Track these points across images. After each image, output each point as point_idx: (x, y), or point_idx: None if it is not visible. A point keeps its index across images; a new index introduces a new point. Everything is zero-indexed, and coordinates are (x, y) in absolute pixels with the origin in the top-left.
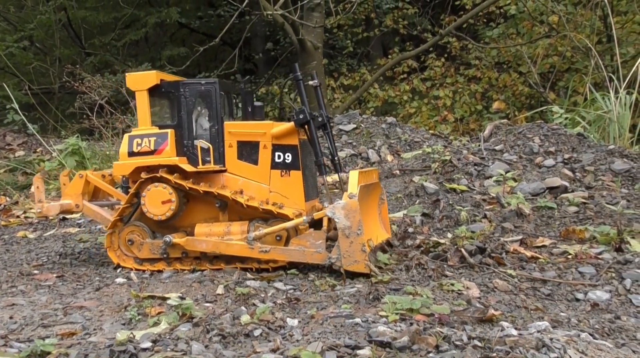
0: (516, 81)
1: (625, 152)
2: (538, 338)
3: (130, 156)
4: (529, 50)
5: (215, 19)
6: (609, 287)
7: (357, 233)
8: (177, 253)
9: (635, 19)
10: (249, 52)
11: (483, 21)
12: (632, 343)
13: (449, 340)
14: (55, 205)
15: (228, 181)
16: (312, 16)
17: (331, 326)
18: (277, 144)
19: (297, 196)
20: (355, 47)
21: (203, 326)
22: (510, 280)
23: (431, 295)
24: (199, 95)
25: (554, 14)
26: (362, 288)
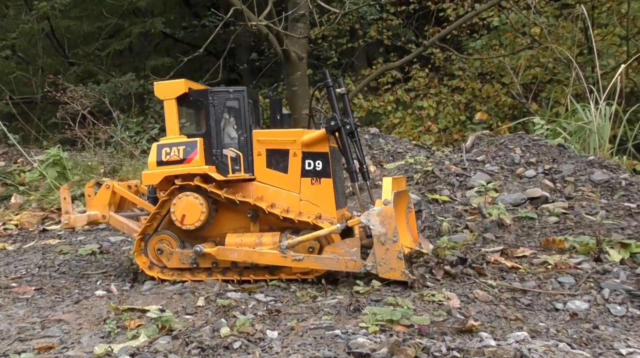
0: (499, 92)
1: (604, 163)
2: (516, 348)
3: (159, 165)
4: (511, 61)
5: (199, 29)
6: (588, 297)
7: (393, 240)
8: (207, 263)
9: (615, 31)
10: (234, 63)
11: (466, 32)
12: (609, 353)
13: (428, 351)
14: (83, 216)
15: (257, 190)
16: (296, 27)
17: (311, 338)
18: (307, 152)
19: (328, 204)
20: (339, 58)
21: (182, 339)
22: (491, 290)
23: (412, 305)
24: (227, 103)
25: (536, 25)
26: (343, 300)
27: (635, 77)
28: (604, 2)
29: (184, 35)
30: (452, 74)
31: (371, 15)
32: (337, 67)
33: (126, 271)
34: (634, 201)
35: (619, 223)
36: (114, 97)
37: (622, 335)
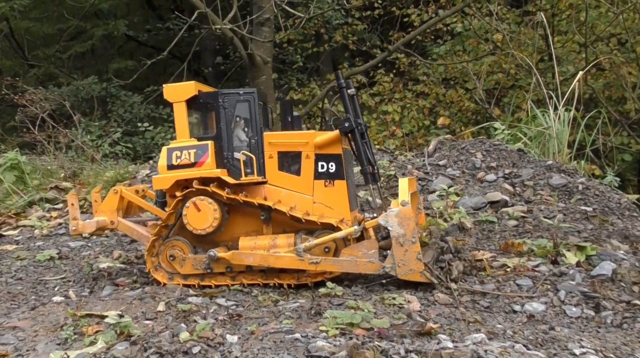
0: (462, 97)
1: (562, 167)
2: (473, 350)
3: (170, 169)
4: (474, 67)
5: (164, 32)
6: (545, 299)
7: (412, 240)
8: (222, 268)
9: (575, 38)
10: (199, 66)
11: (431, 38)
12: (564, 353)
13: (387, 353)
14: (92, 223)
15: (269, 193)
16: (261, 31)
17: (271, 342)
18: (320, 154)
19: (342, 206)
20: (305, 62)
21: (141, 344)
22: (451, 293)
23: (372, 309)
24: (237, 105)
25: (498, 32)
26: (304, 303)
27: (593, 84)
28: (563, 10)
29: (147, 38)
30: (417, 79)
31: (336, 20)
32: (302, 71)
33: (86, 277)
34: (590, 204)
35: (576, 226)
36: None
37: (576, 336)
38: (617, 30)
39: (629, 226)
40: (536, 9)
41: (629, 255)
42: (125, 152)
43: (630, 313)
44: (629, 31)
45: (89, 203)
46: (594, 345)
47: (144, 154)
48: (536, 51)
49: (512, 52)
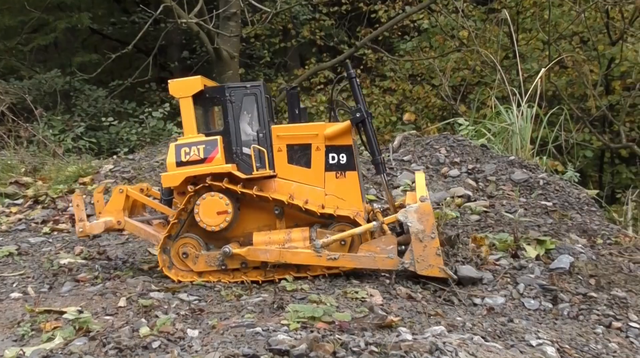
0: (429, 93)
1: (524, 163)
2: (432, 342)
3: (179, 166)
4: (441, 63)
5: (129, 25)
6: (505, 292)
7: (431, 236)
8: (236, 264)
9: (539, 36)
10: (165, 61)
11: (398, 34)
12: (521, 345)
13: (347, 346)
14: (99, 223)
15: (280, 187)
16: (228, 25)
17: (231, 336)
18: (330, 145)
19: (354, 198)
20: (272, 57)
21: (99, 340)
22: (413, 286)
23: (335, 303)
24: (244, 99)
25: (464, 29)
26: (267, 298)
27: (556, 81)
28: (528, 8)
29: (112, 31)
30: (384, 75)
31: (304, 15)
32: (270, 66)
33: (45, 273)
34: (551, 199)
35: (536, 221)
36: (38, 94)
37: (533, 328)
38: (580, 29)
39: (587, 221)
40: (501, 6)
41: (586, 248)
42: (88, 147)
43: (586, 305)
44: (591, 30)
45: (51, 198)
46: (550, 336)
47: (109, 149)
48: (501, 48)
49: (478, 49)
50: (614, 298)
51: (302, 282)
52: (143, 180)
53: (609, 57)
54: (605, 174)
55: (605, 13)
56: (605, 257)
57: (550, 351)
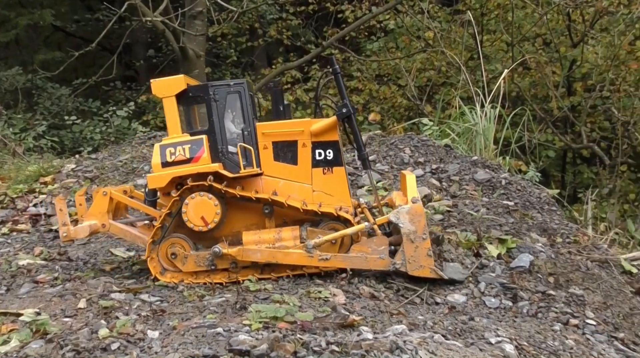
0: (395, 94)
1: (487, 163)
2: (392, 341)
3: (165, 167)
4: (407, 64)
5: (93, 23)
6: (466, 290)
7: (423, 237)
8: (226, 264)
9: (503, 37)
10: (130, 59)
11: (364, 34)
12: (480, 342)
13: (308, 346)
14: (84, 227)
15: (267, 184)
16: (194, 24)
17: (192, 336)
18: (316, 142)
19: (341, 193)
20: (239, 57)
21: (56, 342)
22: (376, 286)
23: (298, 302)
24: (228, 97)
25: (430, 30)
26: (230, 298)
27: (520, 82)
28: (492, 10)
29: (76, 29)
30: (351, 75)
31: (271, 15)
32: (236, 65)
33: (3, 275)
34: (512, 199)
35: (498, 220)
36: None
37: (493, 326)
38: (542, 31)
39: (547, 220)
40: (466, 7)
41: (546, 247)
42: (51, 146)
43: (544, 303)
44: (553, 32)
45: (10, 198)
46: (509, 333)
47: (72, 149)
48: (466, 49)
49: (443, 49)
50: (571, 296)
51: (266, 282)
52: (106, 180)
53: (570, 59)
54: (567, 174)
55: (567, 16)
56: (564, 256)
57: (509, 348)
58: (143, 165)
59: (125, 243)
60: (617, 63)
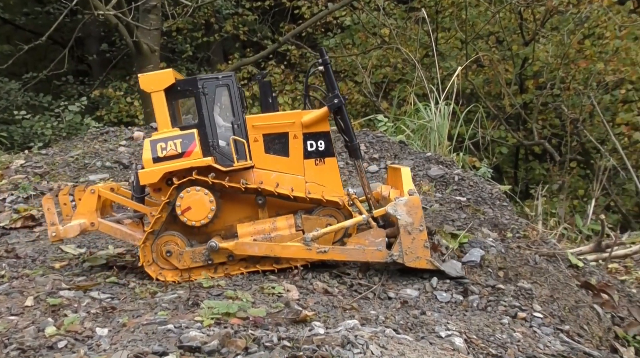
0: (352, 90)
1: (441, 159)
2: (344, 335)
3: (156, 162)
4: (363, 60)
5: (43, 16)
6: (418, 285)
7: (420, 229)
8: (222, 258)
9: (458, 35)
10: (82, 53)
11: (321, 31)
12: (431, 336)
13: (259, 341)
14: (74, 226)
15: (259, 177)
16: (148, 18)
17: (142, 333)
18: (308, 133)
19: (334, 184)
20: (195, 52)
21: (1, 340)
22: (330, 281)
23: (251, 298)
24: (217, 90)
25: (385, 27)
26: (183, 295)
27: (474, 80)
28: (446, 7)
29: (25, 22)
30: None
31: (226, 10)
32: (192, 61)
33: None
34: (465, 194)
35: (450, 215)
36: None
37: (444, 320)
38: (495, 29)
39: (498, 215)
40: (421, 5)
41: (497, 242)
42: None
43: (494, 297)
44: (506, 30)
45: None
46: (459, 327)
47: (22, 144)
48: (421, 46)
49: (398, 46)
50: (520, 290)
51: (219, 278)
52: (57, 176)
53: (522, 56)
54: (520, 170)
55: (519, 14)
56: (514, 250)
57: (458, 342)
58: (95, 161)
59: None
60: (566, 61)
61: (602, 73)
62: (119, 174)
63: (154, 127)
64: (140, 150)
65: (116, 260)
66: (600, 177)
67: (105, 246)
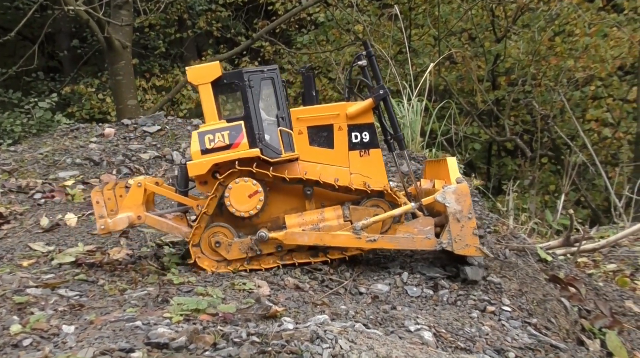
0: (326, 86)
1: (413, 155)
2: (313, 330)
3: (204, 154)
4: (337, 57)
5: (12, 11)
6: (389, 280)
7: (468, 216)
8: (271, 249)
9: (430, 32)
10: (53, 49)
11: (295, 27)
12: (400, 330)
13: (228, 337)
14: (123, 218)
15: (304, 169)
16: (119, 14)
17: (110, 330)
18: (352, 125)
19: (379, 175)
20: (168, 48)
21: None
22: (301, 277)
23: (222, 294)
24: (263, 83)
25: (359, 23)
26: (152, 291)
27: (447, 76)
28: (419, 4)
29: None
30: (282, 68)
31: (200, 6)
32: (165, 57)
33: None
34: None
35: None
36: None
37: (413, 314)
38: (468, 26)
39: None
40: (394, 2)
41: None
42: None
43: (464, 291)
44: (478, 27)
45: None
46: (428, 321)
47: None
48: (395, 43)
49: (372, 43)
50: (489, 284)
51: (189, 275)
52: (25, 173)
53: (494, 53)
54: (492, 166)
55: (491, 11)
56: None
57: (427, 336)
58: (65, 158)
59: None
60: (537, 58)
61: (572, 70)
62: (90, 171)
63: (125, 124)
64: (112, 147)
65: (86, 257)
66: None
67: (74, 244)
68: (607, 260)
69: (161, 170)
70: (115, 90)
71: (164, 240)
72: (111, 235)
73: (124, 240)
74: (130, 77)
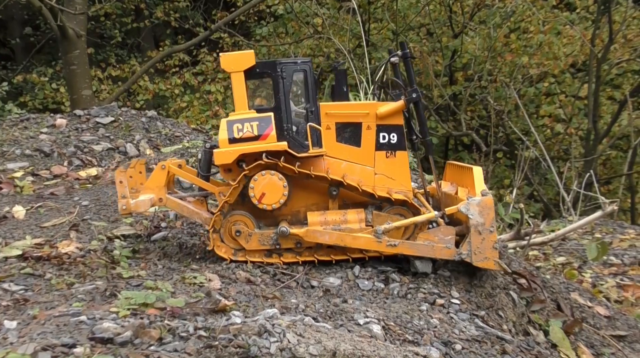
0: None
1: None
2: (261, 324)
3: (232, 143)
4: (296, 49)
5: None
6: (341, 274)
7: (490, 230)
8: (290, 244)
9: (389, 26)
10: (5, 37)
11: (254, 19)
12: (349, 324)
13: (174, 331)
14: (145, 200)
15: (330, 165)
16: (73, 2)
17: (53, 325)
18: (381, 125)
19: (403, 178)
20: (124, 38)
21: None
22: (253, 271)
23: (171, 288)
24: (295, 75)
25: (318, 16)
26: (100, 285)
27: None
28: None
29: None
30: None
31: None
32: (122, 47)
33: None
34: None
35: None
36: None
37: (364, 307)
38: (426, 21)
39: None
40: None
41: None
42: None
43: (414, 285)
44: (436, 22)
45: None
46: (378, 314)
47: None
48: (354, 37)
49: (330, 36)
50: (439, 277)
51: (139, 268)
52: None
53: (452, 49)
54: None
55: (448, 7)
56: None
57: (376, 328)
58: (14, 149)
59: None
60: (493, 54)
61: (527, 66)
62: (40, 162)
63: (78, 115)
64: (63, 138)
65: (33, 250)
66: (522, 167)
67: (22, 237)
68: (557, 253)
69: (114, 162)
70: (70, 80)
71: (114, 233)
72: (131, 215)
73: (74, 233)
74: (84, 67)
